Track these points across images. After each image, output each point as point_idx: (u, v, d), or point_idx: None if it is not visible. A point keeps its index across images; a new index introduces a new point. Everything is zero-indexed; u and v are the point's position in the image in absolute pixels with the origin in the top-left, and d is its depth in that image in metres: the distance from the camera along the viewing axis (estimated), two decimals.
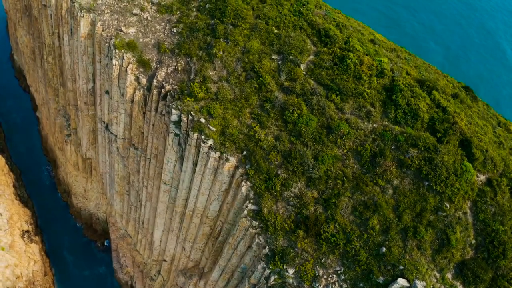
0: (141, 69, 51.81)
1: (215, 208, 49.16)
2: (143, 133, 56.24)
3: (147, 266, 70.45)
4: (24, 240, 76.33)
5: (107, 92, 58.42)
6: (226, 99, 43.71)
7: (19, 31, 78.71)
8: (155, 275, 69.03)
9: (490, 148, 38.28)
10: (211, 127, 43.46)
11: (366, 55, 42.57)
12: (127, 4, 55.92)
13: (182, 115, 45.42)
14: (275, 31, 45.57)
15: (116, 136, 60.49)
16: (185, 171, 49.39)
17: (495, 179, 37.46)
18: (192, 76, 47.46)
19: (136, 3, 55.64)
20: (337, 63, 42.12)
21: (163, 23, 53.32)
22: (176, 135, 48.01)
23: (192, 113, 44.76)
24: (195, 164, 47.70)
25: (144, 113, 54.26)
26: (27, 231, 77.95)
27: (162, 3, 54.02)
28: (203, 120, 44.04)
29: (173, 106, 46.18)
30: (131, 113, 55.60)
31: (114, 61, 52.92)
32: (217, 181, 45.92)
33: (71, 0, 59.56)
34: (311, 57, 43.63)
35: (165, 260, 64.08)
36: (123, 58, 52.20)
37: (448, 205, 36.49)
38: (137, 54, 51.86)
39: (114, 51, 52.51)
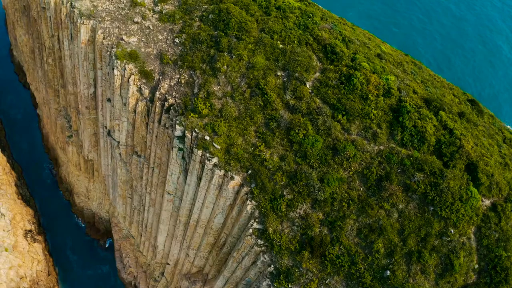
0: (143, 80, 51.15)
1: (219, 221, 49.42)
2: (146, 142, 56.01)
3: (151, 267, 71.28)
4: (27, 240, 76.83)
5: (108, 100, 57.85)
6: (230, 117, 43.36)
7: (18, 30, 77.26)
8: (158, 277, 69.91)
9: (496, 172, 38.31)
10: (216, 145, 43.25)
11: (373, 73, 42.05)
12: (128, 11, 54.74)
13: (186, 131, 45.13)
14: (280, 46, 44.83)
15: (118, 142, 60.20)
16: (189, 184, 49.40)
17: (500, 204, 37.64)
18: (195, 90, 46.91)
19: (137, 10, 54.45)
20: (344, 82, 41.64)
21: (165, 33, 52.32)
22: (180, 149, 47.79)
23: (196, 129, 44.46)
24: (199, 179, 47.68)
25: (147, 123, 53.88)
26: (30, 231, 78.37)
27: (164, 12, 52.87)
28: (207, 137, 43.77)
29: (177, 121, 45.82)
30: (133, 122, 55.18)
31: (115, 72, 52.18)
32: (221, 197, 46.01)
33: (70, 5, 58.37)
34: (317, 74, 43.08)
35: (168, 264, 64.79)
36: (125, 69, 51.46)
37: (452, 231, 36.77)
38: (139, 65, 51.08)
39: (115, 61, 51.71)
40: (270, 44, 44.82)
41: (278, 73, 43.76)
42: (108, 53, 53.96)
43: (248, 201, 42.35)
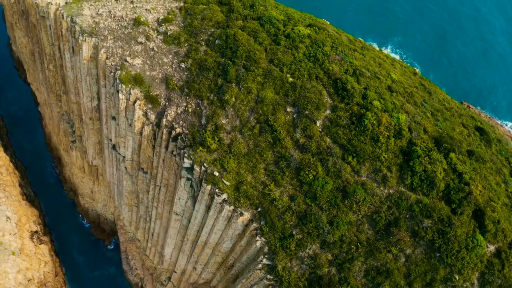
0: (149, 105, 50.48)
1: (227, 246, 50.38)
2: (152, 162, 55.98)
3: (157, 270, 73.04)
4: (33, 242, 77.94)
5: (113, 118, 57.28)
6: (239, 153, 43.30)
7: (17, 32, 74.97)
8: (165, 281, 71.79)
9: (502, 218, 39.06)
10: (225, 181, 43.45)
11: (385, 111, 41.78)
12: (131, 30, 53.17)
13: (194, 165, 45.14)
14: (290, 79, 44.11)
15: (124, 157, 60.16)
16: (197, 211, 49.94)
17: (504, 250, 38.63)
18: (203, 121, 46.51)
19: (140, 30, 52.89)
20: (355, 122, 41.41)
21: (170, 56, 51.10)
22: (188, 179, 47.98)
23: (205, 164, 44.50)
24: (208, 207, 48.17)
25: (153, 146, 53.68)
26: (36, 232, 79.39)
27: (168, 33, 51.42)
28: (216, 173, 43.89)
29: (185, 154, 45.73)
30: (139, 143, 54.95)
31: (120, 95, 51.39)
32: (230, 228, 46.71)
33: (71, 20, 56.62)
34: (328, 112, 42.72)
35: (175, 272, 66.41)
36: (130, 93, 50.69)
37: (457, 277, 37.91)
38: (144, 89, 50.27)
39: (120, 85, 50.82)
40: (279, 78, 44.09)
41: (288, 109, 43.34)
42: (112, 73, 52.93)
43: (257, 237, 43.11)
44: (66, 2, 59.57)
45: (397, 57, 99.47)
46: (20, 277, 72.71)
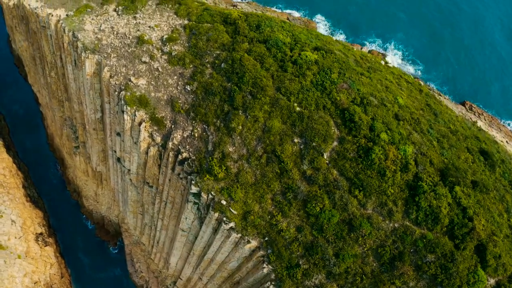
0: (155, 127, 50.46)
1: (234, 265, 51.49)
2: (158, 179, 56.33)
3: (162, 274, 74.58)
4: (38, 244, 79.03)
5: (118, 134, 57.27)
6: (247, 183, 43.74)
7: (17, 36, 73.53)
8: (170, 285, 73.46)
9: (503, 252, 40.11)
10: (233, 210, 44.07)
11: (392, 143, 42.08)
12: (134, 49, 52.48)
13: (202, 192, 45.62)
14: (297, 109, 44.07)
15: (129, 170, 60.48)
16: (204, 232, 50.73)
17: (504, 284, 39.91)
18: (210, 147, 46.67)
19: (144, 49, 52.22)
20: (362, 155, 41.73)
21: (175, 77, 50.68)
22: (195, 203, 48.55)
23: (212, 192, 44.97)
24: (215, 230, 48.95)
25: (159, 165, 53.90)
26: (41, 234, 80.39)
27: (173, 53, 50.79)
28: (224, 202, 44.44)
29: (193, 181, 46.11)
30: (145, 161, 55.18)
31: (126, 116, 51.28)
32: (237, 251, 47.66)
33: (73, 34, 55.72)
34: (335, 143, 42.95)
35: (180, 279, 67.94)
36: (135, 115, 50.54)
37: None
38: (150, 111, 50.13)
39: (125, 106, 50.61)
40: (286, 107, 44.04)
41: (295, 140, 43.52)
42: (116, 93, 52.60)
43: (264, 264, 44.13)
44: (67, 15, 58.56)
45: (399, 53, 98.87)
46: (26, 281, 74.21)
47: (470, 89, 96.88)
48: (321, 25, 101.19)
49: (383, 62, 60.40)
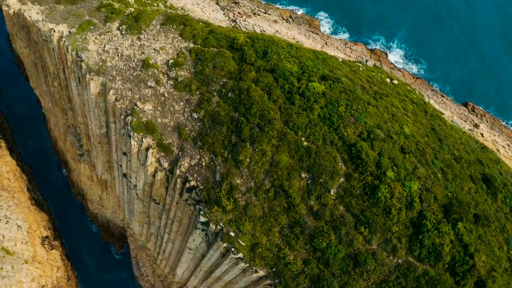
0: (162, 153, 50.76)
1: (240, 286, 52.98)
2: (165, 199, 57.01)
3: (168, 279, 76.46)
4: (45, 248, 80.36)
5: (124, 154, 57.54)
6: (255, 216, 44.58)
7: (18, 42, 72.30)
8: None
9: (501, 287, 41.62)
10: (241, 242, 45.08)
11: (397, 180, 42.80)
12: (140, 73, 52.10)
13: (210, 223, 46.48)
14: (305, 143, 44.41)
15: (135, 185, 61.07)
16: (212, 255, 51.89)
17: None
18: (217, 177, 47.17)
19: (150, 73, 51.84)
20: (368, 193, 42.48)
21: (181, 103, 50.56)
22: (203, 230, 49.49)
23: (221, 224, 45.85)
24: (223, 255, 50.13)
25: (166, 187, 54.46)
26: (47, 237, 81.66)
27: (179, 79, 50.50)
28: (232, 233, 45.38)
29: (201, 212, 46.89)
30: (152, 182, 55.70)
31: (132, 141, 51.49)
32: (245, 276, 49.01)
33: (76, 54, 55.09)
34: (342, 179, 43.57)
35: (186, 287, 69.75)
36: (142, 141, 50.74)
37: None
38: (157, 137, 50.33)
39: (132, 132, 50.71)
40: (294, 142, 44.39)
41: (303, 175, 44.10)
42: (122, 116, 52.57)
43: None
44: (69, 31, 57.69)
45: (402, 52, 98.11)
46: (34, 285, 75.91)
47: (473, 89, 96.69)
48: (324, 23, 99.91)
49: (388, 80, 60.26)
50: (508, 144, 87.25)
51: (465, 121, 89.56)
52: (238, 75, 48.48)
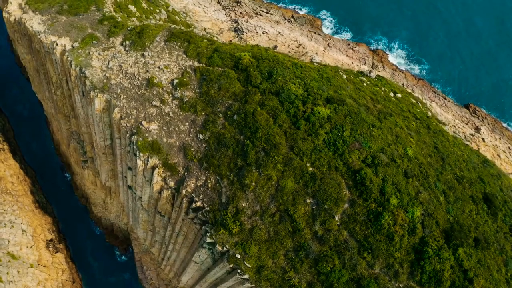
0: (168, 173, 51.25)
1: None
2: (171, 214, 57.74)
3: (173, 283, 77.97)
4: (49, 251, 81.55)
5: (129, 168, 57.98)
6: (261, 239, 45.47)
7: (19, 48, 71.72)
8: None
9: None
10: (247, 264, 46.08)
11: (401, 206, 43.59)
12: (144, 92, 52.11)
13: (217, 245, 47.37)
14: (310, 169, 44.96)
15: (140, 197, 61.75)
16: (218, 271, 53.00)
17: None
18: (223, 199, 47.84)
19: (154, 92, 51.87)
20: (372, 219, 43.32)
21: (187, 123, 50.79)
22: (209, 249, 50.42)
23: (227, 246, 46.75)
24: (228, 272, 51.21)
25: (172, 204, 55.12)
26: (51, 240, 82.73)
27: (184, 99, 50.60)
28: (238, 255, 46.34)
29: (208, 234, 47.71)
30: (157, 198, 56.33)
31: (138, 161, 51.90)
32: None
33: (80, 70, 54.92)
34: (346, 205, 44.33)
35: None
36: (148, 161, 51.15)
37: None
38: (163, 157, 50.75)
39: (138, 152, 51.07)
40: (299, 167, 44.94)
41: (308, 200, 44.81)
42: (127, 135, 52.83)
43: None
44: (72, 46, 57.36)
45: (404, 53, 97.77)
46: None
47: (475, 90, 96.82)
48: (326, 22, 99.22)
49: (392, 94, 60.42)
50: (509, 147, 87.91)
51: (467, 124, 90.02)
52: (243, 97, 48.65)
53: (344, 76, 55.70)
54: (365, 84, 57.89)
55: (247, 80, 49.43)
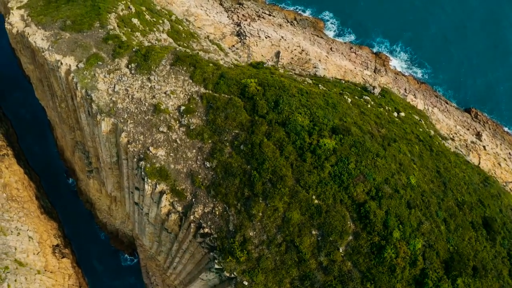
0: (176, 198, 52.18)
1: None
2: (177, 234, 58.90)
3: None
4: (56, 256, 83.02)
5: (137, 189, 58.84)
6: (267, 268, 46.88)
7: (22, 58, 71.35)
8: None
9: None
10: None
11: (403, 239, 44.93)
12: (151, 117, 52.49)
13: (225, 271, 48.80)
14: (315, 201, 46.02)
15: (147, 213, 62.85)
16: None
17: None
18: (231, 227, 48.99)
19: (161, 118, 52.26)
20: (375, 252, 44.68)
21: (194, 150, 51.39)
22: (217, 272, 51.90)
23: (234, 273, 48.19)
24: None
25: (180, 225, 56.25)
26: (57, 245, 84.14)
27: (191, 127, 51.07)
28: (246, 282, 47.84)
29: (216, 260, 49.07)
30: (165, 219, 57.34)
31: (146, 186, 52.75)
32: None
33: (86, 92, 55.08)
34: (350, 237, 45.61)
35: None
36: (156, 186, 52.00)
37: None
38: (170, 183, 51.59)
39: (146, 177, 51.85)
40: (305, 200, 45.99)
41: (313, 232, 46.04)
42: (135, 160, 53.46)
43: None
44: (77, 66, 57.31)
45: (406, 56, 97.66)
46: None
47: (477, 93, 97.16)
48: (329, 24, 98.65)
49: (395, 114, 60.99)
50: (509, 153, 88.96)
51: (468, 129, 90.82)
52: (250, 127, 49.23)
53: (349, 100, 56.09)
54: (369, 106, 58.36)
55: (254, 109, 49.91)
